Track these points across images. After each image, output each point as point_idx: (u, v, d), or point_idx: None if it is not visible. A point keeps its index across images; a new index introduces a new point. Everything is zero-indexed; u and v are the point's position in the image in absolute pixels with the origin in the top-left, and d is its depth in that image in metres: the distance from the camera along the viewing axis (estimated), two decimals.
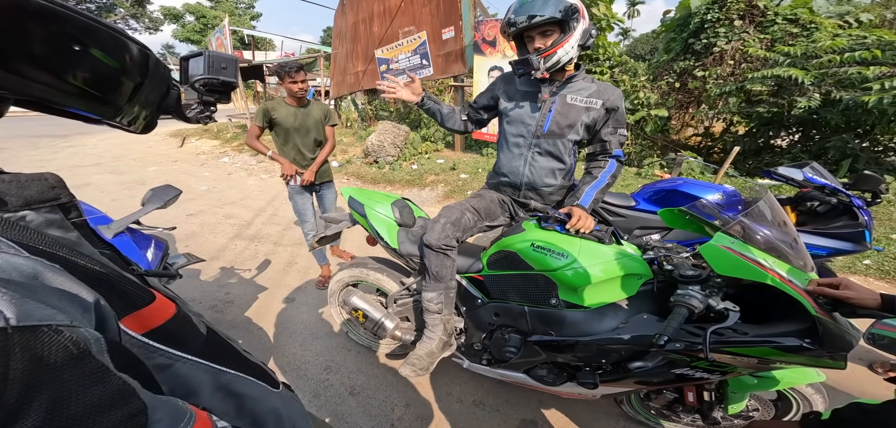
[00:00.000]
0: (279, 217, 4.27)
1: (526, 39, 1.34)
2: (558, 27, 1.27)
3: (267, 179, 6.18)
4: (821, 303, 0.89)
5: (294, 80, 2.19)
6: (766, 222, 1.03)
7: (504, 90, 1.55)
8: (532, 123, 1.45)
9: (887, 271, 2.75)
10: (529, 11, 1.24)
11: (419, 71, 6.47)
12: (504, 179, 1.58)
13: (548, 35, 1.29)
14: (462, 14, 5.54)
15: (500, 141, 1.60)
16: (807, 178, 1.82)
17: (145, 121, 0.62)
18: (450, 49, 5.91)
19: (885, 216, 3.54)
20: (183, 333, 0.48)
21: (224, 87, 0.76)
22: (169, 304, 0.48)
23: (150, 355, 0.40)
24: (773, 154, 5.33)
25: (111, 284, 0.39)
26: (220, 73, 0.74)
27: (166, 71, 0.63)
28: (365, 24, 7.40)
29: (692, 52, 5.95)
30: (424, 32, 6.15)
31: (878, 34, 4.76)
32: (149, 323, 0.42)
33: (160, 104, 0.64)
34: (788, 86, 4.77)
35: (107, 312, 0.34)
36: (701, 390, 1.30)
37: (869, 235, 1.66)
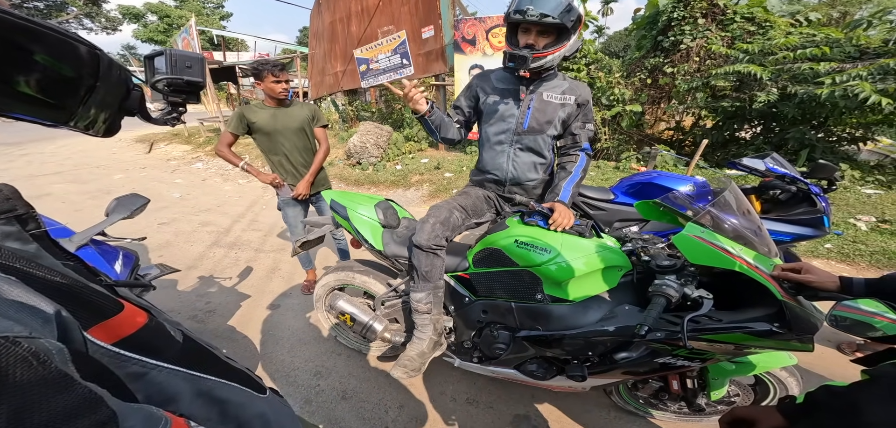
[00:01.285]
0: (260, 223, 4.14)
1: (521, 30, 1.34)
2: (557, 32, 1.29)
3: (245, 185, 5.97)
4: (786, 287, 0.93)
5: (277, 79, 2.03)
6: (731, 211, 1.08)
7: (482, 88, 1.55)
8: (513, 121, 1.48)
9: (847, 254, 2.93)
10: (543, 9, 1.23)
11: (400, 70, 6.42)
12: (489, 176, 1.60)
13: (545, 36, 1.30)
14: (441, 13, 5.54)
15: (481, 139, 1.62)
16: (768, 168, 1.93)
17: (105, 124, 0.59)
18: (430, 48, 5.90)
19: (843, 202, 3.79)
20: (157, 342, 0.47)
21: (190, 88, 0.73)
22: (140, 313, 0.48)
23: (122, 365, 0.39)
24: (739, 146, 5.64)
25: (74, 295, 0.39)
26: (185, 73, 0.71)
27: (123, 72, 0.61)
28: (342, 24, 7.27)
29: (661, 49, 6.18)
30: (404, 32, 6.11)
31: (826, 32, 5.12)
32: (118, 332, 0.42)
33: (121, 106, 0.62)
34: (749, 81, 5.05)
35: (69, 323, 0.34)
36: (684, 378, 1.36)
37: (827, 220, 1.79)
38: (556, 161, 1.58)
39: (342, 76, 7.76)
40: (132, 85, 0.64)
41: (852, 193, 3.99)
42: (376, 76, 6.94)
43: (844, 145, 5.15)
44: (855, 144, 5.16)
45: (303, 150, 2.23)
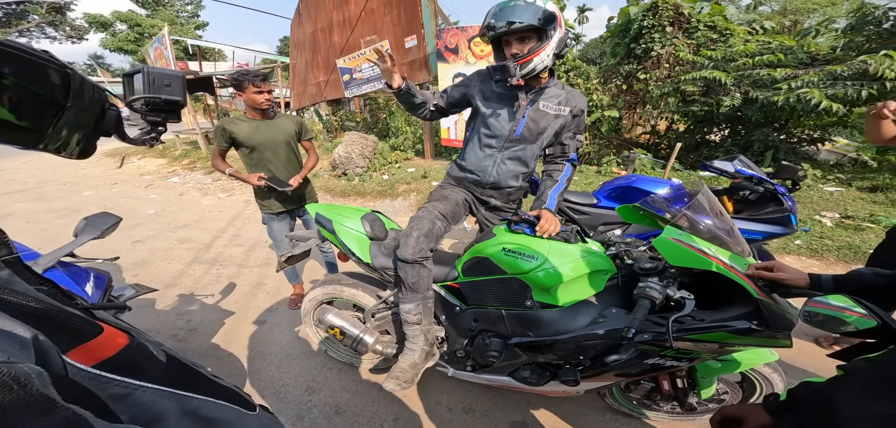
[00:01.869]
0: (242, 238, 4.03)
1: (503, 44, 1.36)
2: (536, 34, 1.29)
3: (225, 198, 5.80)
4: (761, 286, 0.97)
5: (259, 90, 1.96)
6: (705, 213, 1.12)
7: (480, 89, 1.53)
8: (506, 128, 1.47)
9: (816, 250, 3.08)
10: (509, 17, 1.26)
11: (384, 80, 6.44)
12: (470, 175, 1.60)
13: (525, 41, 1.30)
14: (424, 22, 5.60)
15: (470, 138, 1.60)
16: (737, 170, 2.04)
17: (79, 146, 0.57)
18: (414, 57, 5.94)
19: (808, 200, 4.01)
20: (139, 362, 0.47)
21: (169, 107, 0.71)
22: (120, 334, 0.48)
23: (103, 386, 0.39)
24: (710, 148, 5.93)
25: (50, 320, 0.39)
26: (163, 91, 0.68)
27: (96, 91, 0.59)
28: (324, 34, 7.23)
29: (634, 57, 6.45)
30: (386, 41, 6.13)
31: (780, 40, 5.49)
32: (99, 354, 0.42)
33: (96, 126, 0.60)
34: (714, 86, 5.33)
35: (47, 348, 0.34)
36: (674, 379, 1.39)
37: (794, 218, 1.89)
38: (543, 168, 1.60)
39: (325, 86, 7.69)
40: (107, 104, 0.63)
41: (816, 192, 4.25)
42: (360, 85, 6.92)
43: (805, 146, 5.51)
44: (814, 145, 5.52)
45: (289, 164, 2.17)
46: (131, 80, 0.68)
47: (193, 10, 32.35)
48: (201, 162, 8.41)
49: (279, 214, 2.22)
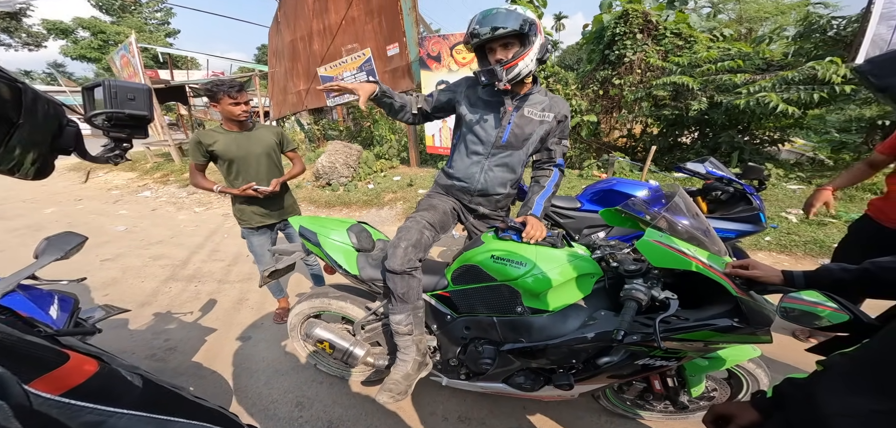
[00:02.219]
0: (222, 253, 3.88)
1: (487, 51, 1.37)
2: (518, 40, 1.33)
3: (202, 213, 5.58)
4: (738, 283, 1.00)
5: (235, 101, 1.87)
6: (682, 214, 1.17)
7: (466, 96, 1.54)
8: (492, 134, 1.48)
9: (785, 246, 3.26)
10: (493, 24, 1.29)
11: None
12: (458, 183, 1.60)
13: (509, 47, 1.33)
14: (405, 31, 5.63)
15: (457, 145, 1.60)
16: (708, 171, 2.14)
17: (35, 165, 0.54)
18: (396, 65, 5.95)
19: (773, 198, 4.24)
20: (112, 388, 0.46)
21: (134, 122, 0.66)
22: (89, 361, 0.46)
23: (74, 415, 0.39)
24: (681, 150, 6.21)
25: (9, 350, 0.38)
26: (127, 106, 0.64)
27: (52, 106, 0.55)
28: (304, 42, 7.15)
29: (609, 63, 6.69)
30: (368, 49, 6.12)
31: (739, 46, 5.85)
32: (66, 383, 0.41)
33: (53, 144, 0.56)
34: (683, 91, 5.59)
35: (6, 379, 0.33)
36: (665, 378, 1.41)
37: (763, 216, 2.00)
38: (531, 175, 1.60)
39: (306, 95, 7.58)
40: (65, 120, 0.59)
41: (780, 190, 4.52)
42: (342, 94, 6.86)
43: (766, 147, 5.87)
44: (774, 146, 5.89)
45: (271, 177, 2.10)
46: (91, 93, 0.64)
47: (163, 17, 31.10)
48: (175, 175, 8.07)
49: (259, 229, 2.15)
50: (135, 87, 0.64)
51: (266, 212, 2.13)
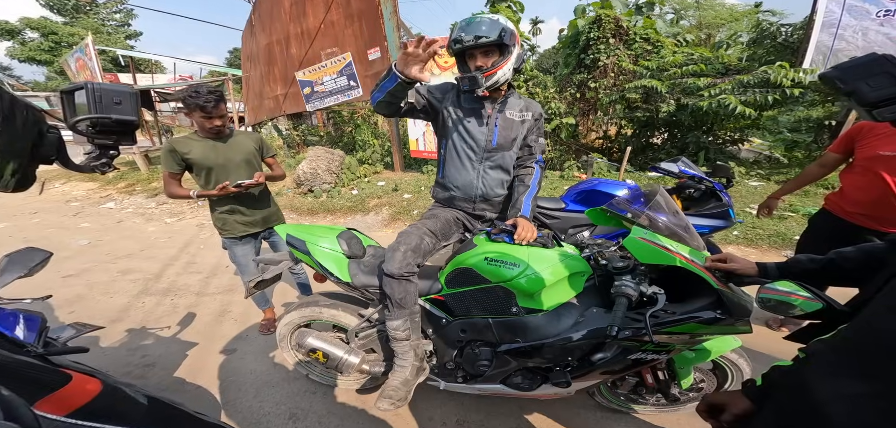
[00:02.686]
0: (198, 264, 3.71)
1: (468, 57, 1.41)
2: (498, 49, 1.38)
3: (174, 223, 5.30)
4: (718, 276, 1.04)
5: (209, 117, 1.77)
6: (664, 212, 1.23)
7: (452, 102, 1.55)
8: (482, 139, 1.52)
9: (751, 239, 3.50)
10: (476, 32, 1.33)
11: (348, 92, 6.33)
12: (456, 193, 1.61)
13: (489, 55, 1.38)
14: (386, 35, 5.61)
15: (447, 155, 1.60)
16: (681, 170, 2.28)
17: (15, 176, 0.51)
18: (378, 69, 5.92)
19: (737, 195, 4.52)
20: (118, 407, 0.45)
21: (120, 127, 0.62)
22: (90, 380, 0.45)
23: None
24: (653, 151, 6.52)
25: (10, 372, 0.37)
26: (112, 110, 0.60)
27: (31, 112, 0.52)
28: (281, 46, 6.96)
29: (584, 66, 6.89)
30: (349, 53, 6.05)
31: (700, 51, 6.21)
32: (70, 403, 0.40)
33: (33, 152, 0.54)
34: (653, 94, 5.87)
35: (13, 402, 0.32)
36: (656, 372, 1.46)
37: (732, 211, 2.15)
38: (514, 174, 1.64)
39: (284, 99, 7.37)
40: (46, 127, 0.56)
41: (743, 187, 4.84)
42: (322, 98, 6.73)
43: (728, 146, 6.27)
44: (735, 145, 6.31)
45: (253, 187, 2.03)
46: (72, 97, 0.60)
47: (123, 18, 29.28)
48: (142, 184, 7.63)
49: (242, 238, 2.08)
50: (121, 91, 0.61)
51: (250, 220, 2.06)
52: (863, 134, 1.66)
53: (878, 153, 1.57)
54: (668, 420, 1.63)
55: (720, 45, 7.13)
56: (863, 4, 4.05)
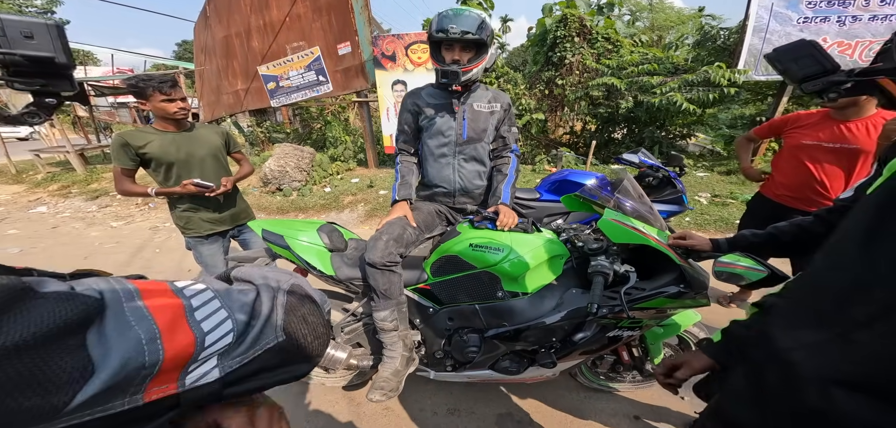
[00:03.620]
0: (157, 269, 3.44)
1: (444, 47, 1.42)
2: (476, 48, 1.42)
3: (121, 227, 4.84)
4: (680, 253, 1.14)
5: (169, 97, 1.66)
6: (631, 197, 1.32)
7: (416, 106, 1.59)
8: (452, 133, 1.55)
9: (700, 223, 3.88)
10: (463, 26, 1.35)
11: (317, 88, 6.11)
12: (438, 189, 1.64)
13: (467, 51, 1.41)
14: (357, 29, 5.48)
15: (424, 153, 1.63)
16: (642, 160, 2.49)
17: None
18: (348, 64, 5.76)
19: (687, 184, 4.93)
20: None
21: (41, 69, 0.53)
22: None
23: None
24: (615, 144, 6.94)
25: None
26: (22, 46, 0.51)
27: None
28: (240, 39, 6.54)
29: (552, 64, 7.15)
30: (317, 48, 5.84)
31: (653, 52, 6.70)
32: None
33: None
34: (613, 91, 6.25)
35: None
36: (630, 349, 1.55)
37: (685, 197, 2.39)
38: (492, 164, 1.69)
39: (245, 95, 6.95)
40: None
41: (691, 177, 5.32)
42: (289, 94, 6.44)
43: (678, 140, 6.84)
44: (684, 140, 6.90)
45: (217, 181, 1.91)
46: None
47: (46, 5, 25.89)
48: (78, 186, 6.87)
49: (209, 237, 1.95)
50: (32, 23, 0.51)
51: (217, 217, 1.94)
52: (788, 126, 1.91)
53: (802, 143, 1.82)
54: (643, 395, 1.75)
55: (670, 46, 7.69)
56: (786, 11, 4.60)
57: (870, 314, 0.48)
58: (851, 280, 0.52)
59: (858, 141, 1.63)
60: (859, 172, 1.68)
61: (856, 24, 4.36)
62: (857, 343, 0.49)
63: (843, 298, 0.53)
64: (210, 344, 0.33)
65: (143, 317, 0.30)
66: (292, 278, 0.46)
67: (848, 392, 0.49)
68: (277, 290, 0.42)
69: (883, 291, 0.48)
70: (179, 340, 0.31)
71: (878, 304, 0.48)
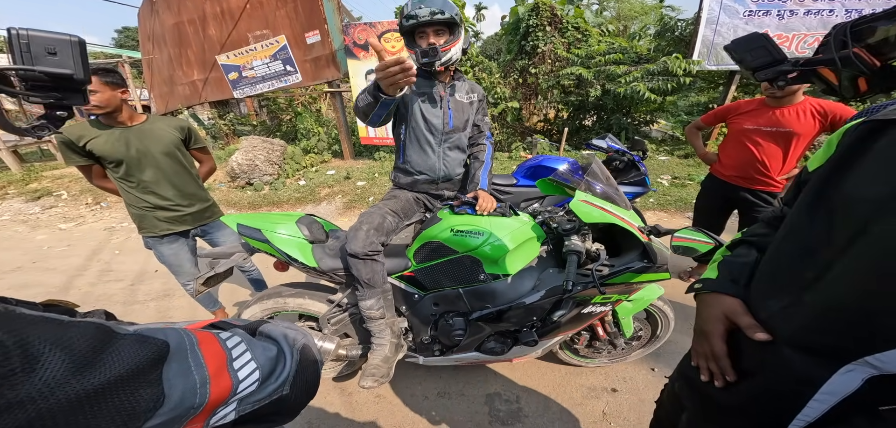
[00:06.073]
0: (117, 272, 3.23)
1: (418, 36, 1.40)
2: (449, 29, 1.40)
3: (71, 229, 4.46)
4: (643, 230, 1.23)
5: (115, 82, 1.51)
6: (599, 180, 1.41)
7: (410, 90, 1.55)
8: (439, 122, 1.55)
9: (662, 204, 4.17)
10: (431, 7, 1.33)
11: (285, 78, 5.85)
12: (420, 177, 1.63)
13: (440, 34, 1.39)
14: (326, 17, 5.28)
15: (407, 140, 1.61)
16: (609, 145, 2.63)
17: None
18: (318, 54, 5.55)
19: (650, 168, 5.25)
20: None
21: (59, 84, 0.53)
22: None
23: None
24: (586, 131, 7.22)
25: None
26: (45, 63, 0.51)
27: None
28: (194, 27, 6.09)
29: (525, 53, 7.21)
30: (283, 37, 5.56)
31: (619, 42, 6.98)
32: None
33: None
34: (583, 80, 6.44)
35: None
36: (604, 325, 1.65)
37: (648, 180, 2.56)
38: (468, 152, 1.73)
39: (203, 85, 6.52)
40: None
41: (654, 161, 5.66)
42: (254, 84, 6.12)
43: (643, 127, 7.24)
44: (647, 126, 7.30)
45: (179, 180, 1.77)
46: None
47: None
48: (15, 186, 6.20)
49: (166, 237, 1.81)
50: (56, 39, 0.51)
51: (175, 216, 1.80)
52: (731, 113, 2.10)
53: (744, 127, 2.01)
54: (618, 369, 1.87)
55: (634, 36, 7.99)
56: (734, 5, 4.95)
57: (815, 276, 0.52)
58: (801, 247, 0.57)
59: (791, 124, 1.83)
60: (793, 152, 1.90)
61: (793, 19, 4.78)
62: (805, 305, 0.53)
63: (795, 264, 0.57)
64: (241, 391, 0.39)
65: (200, 364, 0.35)
66: (305, 338, 0.52)
67: (793, 350, 0.54)
68: (293, 349, 0.49)
69: (824, 250, 0.52)
70: (222, 385, 0.36)
71: (820, 266, 0.52)
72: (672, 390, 0.90)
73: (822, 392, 0.50)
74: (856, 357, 0.46)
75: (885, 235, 0.45)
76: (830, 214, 0.53)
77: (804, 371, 0.52)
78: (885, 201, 0.46)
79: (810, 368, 0.52)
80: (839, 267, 0.50)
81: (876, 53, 0.45)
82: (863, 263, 0.47)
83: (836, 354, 0.49)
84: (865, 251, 0.47)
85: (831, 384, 0.49)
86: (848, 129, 0.58)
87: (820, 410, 0.51)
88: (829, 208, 0.54)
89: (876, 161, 0.51)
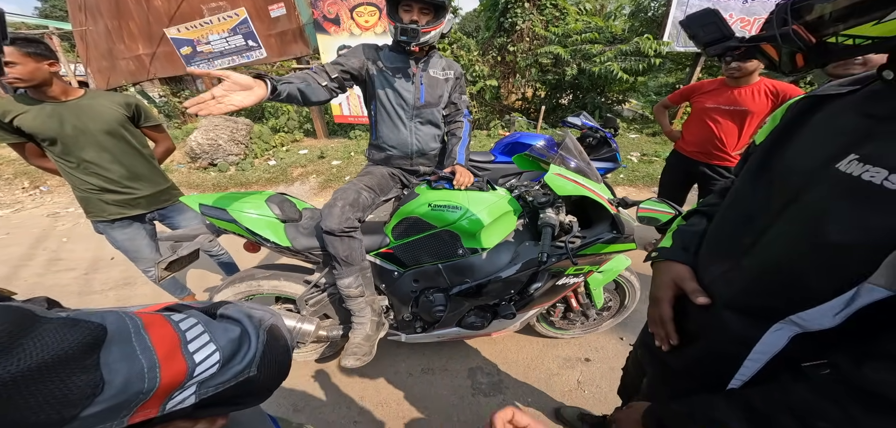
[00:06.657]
0: (68, 261, 2.98)
1: (403, 8, 1.37)
2: (434, 11, 1.38)
3: (10, 216, 4.04)
4: (611, 202, 1.34)
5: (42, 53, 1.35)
6: (572, 155, 1.44)
7: (373, 62, 1.51)
8: (410, 97, 1.53)
9: (632, 180, 4.37)
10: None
11: (247, 53, 5.44)
12: (393, 152, 1.62)
13: (425, 13, 1.37)
14: None
15: (378, 117, 1.60)
16: (583, 122, 2.71)
17: None
18: (284, 28, 5.18)
19: (621, 145, 5.32)
20: None
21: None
22: None
23: None
24: (562, 110, 7.34)
25: None
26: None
27: None
28: None
29: (503, 30, 7.16)
30: (243, 9, 5.13)
31: (596, 21, 7.06)
32: None
33: None
34: (560, 59, 6.50)
35: None
36: (577, 297, 1.71)
37: (619, 156, 2.67)
38: (446, 129, 1.73)
39: (151, 61, 5.97)
40: None
41: (624, 138, 5.87)
42: (211, 60, 5.65)
43: (616, 106, 7.46)
44: (620, 105, 7.53)
45: (126, 161, 1.64)
46: None
47: None
48: None
49: (117, 221, 1.69)
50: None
51: (127, 199, 1.67)
52: (695, 93, 2.21)
53: (705, 106, 2.12)
54: (590, 340, 1.97)
55: (610, 15, 8.09)
56: None
57: (753, 242, 0.55)
58: (743, 215, 0.60)
59: (747, 103, 1.95)
60: (747, 129, 2.03)
61: (754, 3, 5.01)
62: (743, 269, 0.56)
63: (737, 230, 0.60)
64: (198, 374, 0.36)
65: (147, 348, 0.33)
66: (273, 318, 0.50)
67: (731, 313, 0.57)
68: (259, 328, 0.46)
69: (763, 217, 0.55)
70: (175, 369, 0.34)
71: (757, 231, 0.55)
72: (635, 357, 0.96)
73: (755, 351, 0.54)
74: (783, 316, 0.50)
75: (813, 203, 0.49)
76: (770, 184, 0.57)
77: (740, 332, 0.55)
78: (816, 171, 0.50)
79: (745, 329, 0.55)
80: (773, 231, 0.53)
81: (812, 30, 0.48)
82: (794, 227, 0.50)
83: (766, 315, 0.52)
84: (796, 216, 0.50)
85: (762, 344, 0.53)
86: (791, 104, 0.62)
87: (754, 369, 0.55)
88: (770, 178, 0.58)
89: (812, 133, 0.54)
